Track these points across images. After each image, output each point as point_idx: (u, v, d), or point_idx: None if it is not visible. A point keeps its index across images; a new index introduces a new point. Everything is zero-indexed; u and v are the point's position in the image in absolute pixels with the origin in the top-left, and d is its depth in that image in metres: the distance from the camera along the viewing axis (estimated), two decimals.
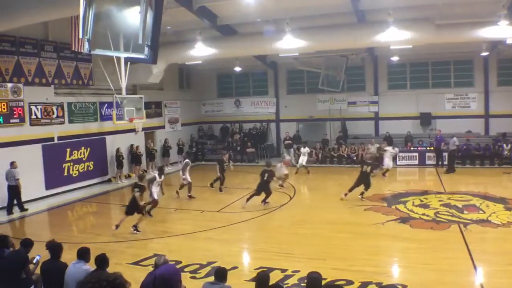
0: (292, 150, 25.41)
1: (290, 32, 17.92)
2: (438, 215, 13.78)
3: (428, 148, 23.86)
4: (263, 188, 15.73)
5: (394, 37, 17.47)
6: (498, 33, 17.21)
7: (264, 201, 15.78)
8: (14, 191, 15.75)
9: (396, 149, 22.05)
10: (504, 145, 22.83)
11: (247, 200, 15.68)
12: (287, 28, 17.80)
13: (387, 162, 20.83)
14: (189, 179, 17.17)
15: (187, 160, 18.47)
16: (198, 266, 9.93)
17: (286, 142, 25.89)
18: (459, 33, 17.68)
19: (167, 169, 24.68)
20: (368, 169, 16.17)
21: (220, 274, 6.49)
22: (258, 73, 29.52)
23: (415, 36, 17.45)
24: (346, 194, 16.11)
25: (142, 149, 23.47)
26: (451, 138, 22.12)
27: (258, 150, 27.56)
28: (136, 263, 10.22)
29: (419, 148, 23.96)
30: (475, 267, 9.57)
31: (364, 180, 16.08)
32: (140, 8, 7.35)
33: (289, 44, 18.44)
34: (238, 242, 12.24)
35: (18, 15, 12.63)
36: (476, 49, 22.68)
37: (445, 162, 22.70)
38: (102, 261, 6.43)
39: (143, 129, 21.38)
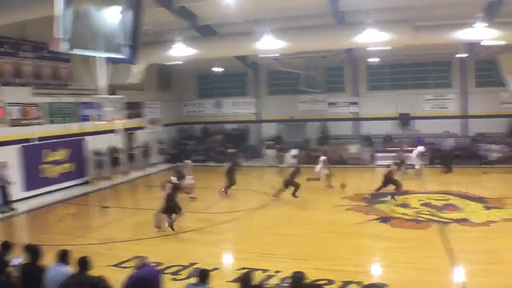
0: (273, 151, 25.42)
1: (270, 32, 17.91)
2: (418, 214, 13.94)
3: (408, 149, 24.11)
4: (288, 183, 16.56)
5: (373, 39, 17.54)
6: (474, 35, 17.49)
7: (293, 194, 16.53)
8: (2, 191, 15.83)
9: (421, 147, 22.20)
10: (483, 145, 23.21)
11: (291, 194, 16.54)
12: (267, 29, 17.79)
13: (417, 161, 21.07)
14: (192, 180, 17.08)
15: (188, 161, 18.23)
16: (180, 267, 9.87)
17: (267, 142, 25.90)
18: (437, 34, 17.88)
19: (148, 170, 24.58)
20: (393, 167, 16.65)
21: (203, 275, 6.46)
22: (239, 74, 29.48)
23: (394, 37, 17.57)
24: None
25: (122, 150, 23.24)
26: (447, 139, 22.40)
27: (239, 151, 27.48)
28: (117, 265, 10.11)
29: (399, 149, 24.15)
30: (456, 266, 9.71)
31: (390, 180, 16.24)
32: (120, 7, 7.28)
33: (269, 45, 18.41)
34: (221, 243, 12.19)
35: None
36: (454, 51, 22.97)
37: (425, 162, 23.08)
38: (84, 263, 6.33)
39: (123, 129, 21.17)
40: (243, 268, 9.38)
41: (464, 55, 23.38)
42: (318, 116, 27.51)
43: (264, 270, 9.46)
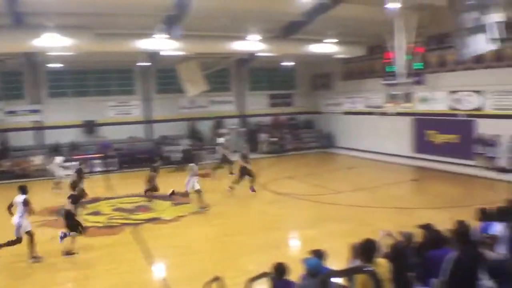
0: None
1: None
2: (111, 220, 14.23)
3: (95, 155, 24.29)
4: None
5: (54, 43, 17.04)
6: (155, 45, 18.85)
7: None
8: None
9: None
10: (166, 147, 25.31)
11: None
12: None
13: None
14: None
15: None
16: None
17: None
18: (119, 43, 18.64)
19: None
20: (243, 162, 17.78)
21: None
22: None
23: (75, 43, 17.43)
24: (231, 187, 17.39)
25: None
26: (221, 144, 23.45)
27: None
28: None
29: (86, 156, 23.87)
30: (154, 264, 10.34)
31: (247, 172, 17.53)
32: None
33: None
34: None
35: None
36: (137, 59, 24.34)
37: (113, 168, 23.55)
38: None
39: None
40: None
41: (146, 64, 24.95)
42: None
43: None
